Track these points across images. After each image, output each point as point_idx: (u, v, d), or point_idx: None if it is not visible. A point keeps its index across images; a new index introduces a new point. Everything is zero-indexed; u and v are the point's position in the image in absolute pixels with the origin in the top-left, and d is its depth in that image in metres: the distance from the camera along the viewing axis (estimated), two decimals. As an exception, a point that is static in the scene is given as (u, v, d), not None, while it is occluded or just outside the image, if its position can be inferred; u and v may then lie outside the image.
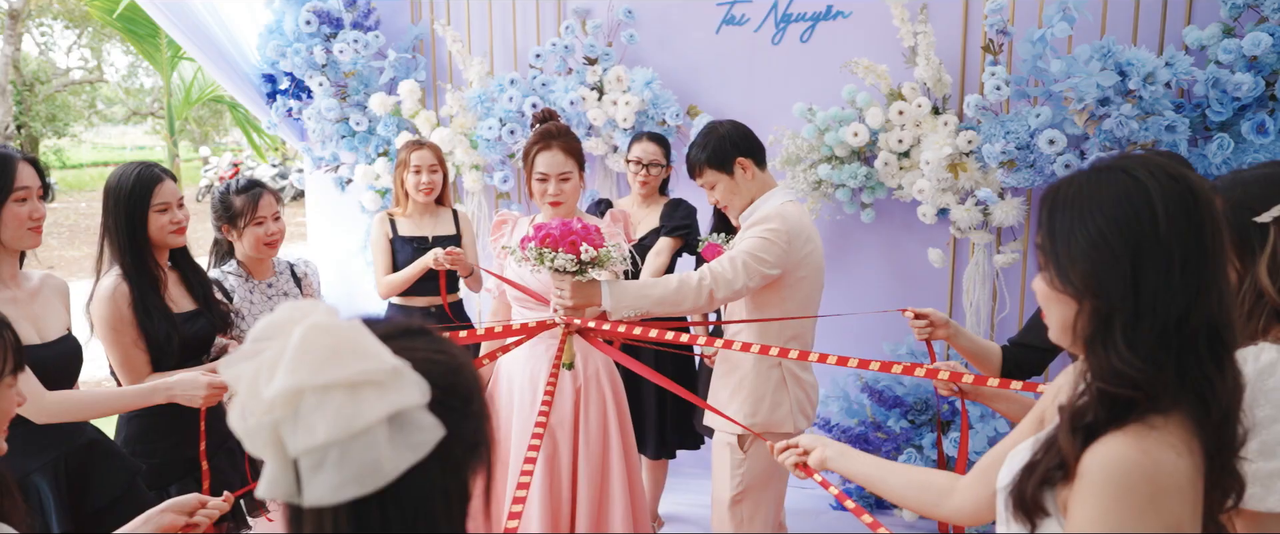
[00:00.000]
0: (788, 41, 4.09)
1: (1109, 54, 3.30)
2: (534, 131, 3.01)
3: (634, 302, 2.37)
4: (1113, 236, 1.12)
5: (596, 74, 4.13)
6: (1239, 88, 3.21)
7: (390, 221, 3.64)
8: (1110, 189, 1.14)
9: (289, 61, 4.41)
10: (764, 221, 2.59)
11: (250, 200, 2.92)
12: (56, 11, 19.99)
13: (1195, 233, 1.12)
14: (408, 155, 3.58)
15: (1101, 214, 1.13)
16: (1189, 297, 1.11)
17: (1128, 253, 1.12)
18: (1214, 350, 1.12)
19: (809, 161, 3.91)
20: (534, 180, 2.95)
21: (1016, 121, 3.50)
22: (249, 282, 2.99)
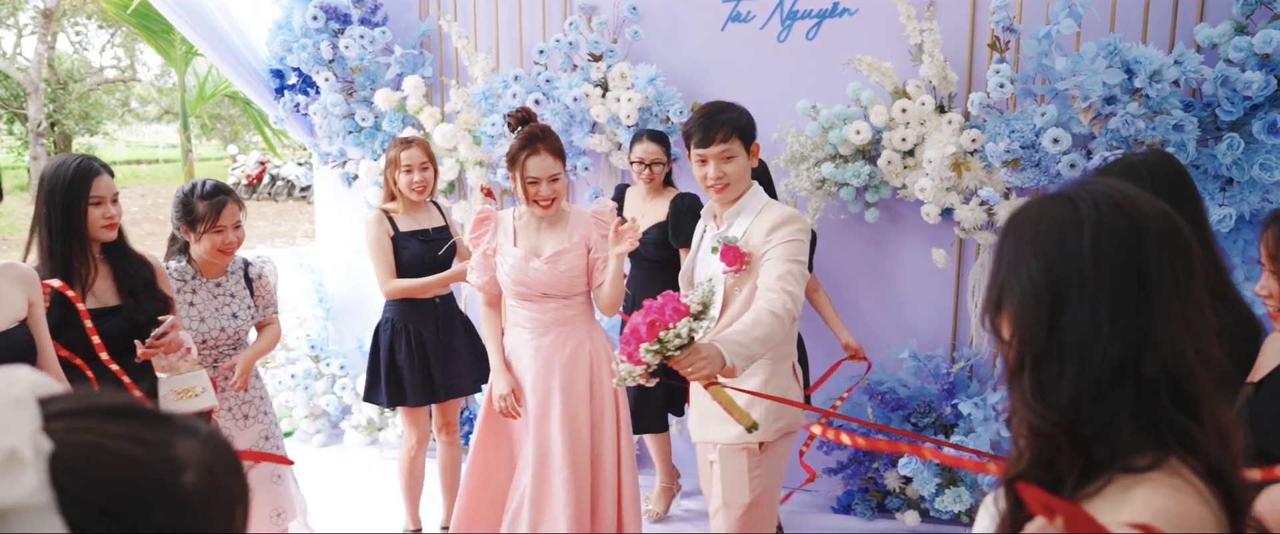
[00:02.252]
0: (793, 39, 4.05)
1: (1115, 51, 3.23)
2: (519, 136, 3.02)
3: (748, 352, 2.27)
4: (1037, 273, 1.03)
5: (600, 71, 4.11)
6: (1250, 86, 3.13)
7: (388, 219, 3.59)
8: (1048, 219, 1.05)
9: (296, 57, 4.44)
10: (789, 222, 2.54)
11: (213, 208, 2.92)
12: (90, 11, 20.29)
13: (1134, 271, 1.00)
14: (398, 154, 3.54)
15: (1032, 247, 1.05)
16: (1130, 342, 0.99)
17: (1048, 291, 1.02)
18: (1180, 401, 1.00)
19: (813, 160, 3.87)
20: (525, 184, 3.00)
21: (1021, 120, 3.44)
22: (195, 279, 3.01)
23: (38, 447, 0.66)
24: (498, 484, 3.26)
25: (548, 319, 3.09)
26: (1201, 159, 3.32)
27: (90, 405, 0.73)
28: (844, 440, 1.85)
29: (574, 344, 3.10)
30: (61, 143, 21.06)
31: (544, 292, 3.05)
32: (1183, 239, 1.03)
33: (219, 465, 0.76)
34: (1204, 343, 1.02)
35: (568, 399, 3.06)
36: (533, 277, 3.03)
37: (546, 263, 3.04)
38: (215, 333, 3.01)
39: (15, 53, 21.31)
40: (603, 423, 3.14)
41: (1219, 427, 1.01)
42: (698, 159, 2.61)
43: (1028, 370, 1.03)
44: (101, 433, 0.70)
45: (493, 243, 3.14)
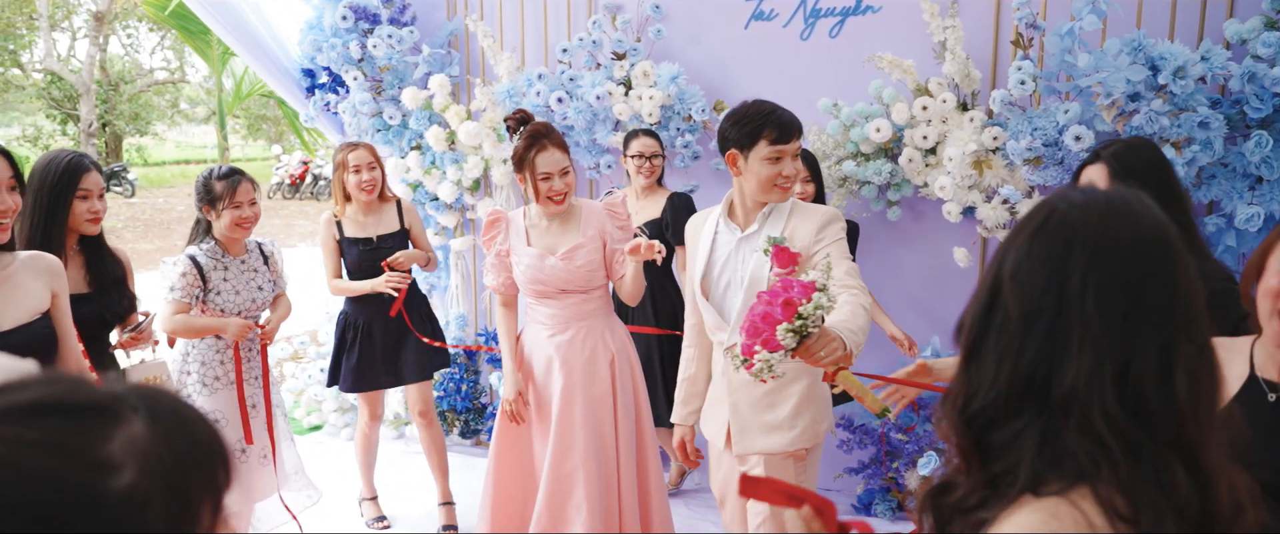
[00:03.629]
0: (816, 37, 4.04)
1: (1140, 48, 3.18)
2: (523, 136, 3.05)
3: (857, 339, 2.22)
4: (990, 269, 1.01)
5: (624, 69, 4.14)
6: (1278, 83, 3.07)
7: (336, 224, 3.79)
8: (1025, 216, 1.02)
9: (326, 56, 4.51)
10: (835, 220, 2.52)
11: (229, 186, 3.16)
12: (141, 15, 20.74)
13: (1054, 288, 0.93)
14: (345, 157, 3.73)
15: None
16: (1039, 361, 0.93)
17: (988, 290, 1.00)
18: (1087, 432, 0.91)
19: (834, 158, 3.86)
20: (537, 181, 3.02)
21: (1044, 118, 3.40)
22: (225, 258, 3.24)
23: None
24: (520, 484, 3.28)
25: (567, 315, 3.12)
26: (1229, 157, 3.25)
27: (13, 405, 0.65)
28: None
29: (595, 339, 3.12)
30: (112, 143, 21.55)
31: (562, 288, 3.08)
32: (1138, 266, 0.93)
33: (165, 451, 0.67)
34: (1145, 383, 0.91)
35: (589, 394, 3.08)
36: (550, 274, 3.06)
37: (562, 259, 3.05)
38: (248, 304, 3.26)
39: (69, 55, 21.85)
40: (625, 417, 3.16)
41: (1175, 471, 0.90)
42: (771, 157, 2.47)
43: (959, 371, 1.00)
44: (13, 442, 0.62)
45: (505, 244, 3.15)
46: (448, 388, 4.75)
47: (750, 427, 2.61)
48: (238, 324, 3.16)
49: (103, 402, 0.67)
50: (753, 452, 2.62)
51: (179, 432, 0.69)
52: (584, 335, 3.12)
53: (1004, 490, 0.93)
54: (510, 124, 3.14)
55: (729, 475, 2.76)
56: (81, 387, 0.68)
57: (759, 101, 2.55)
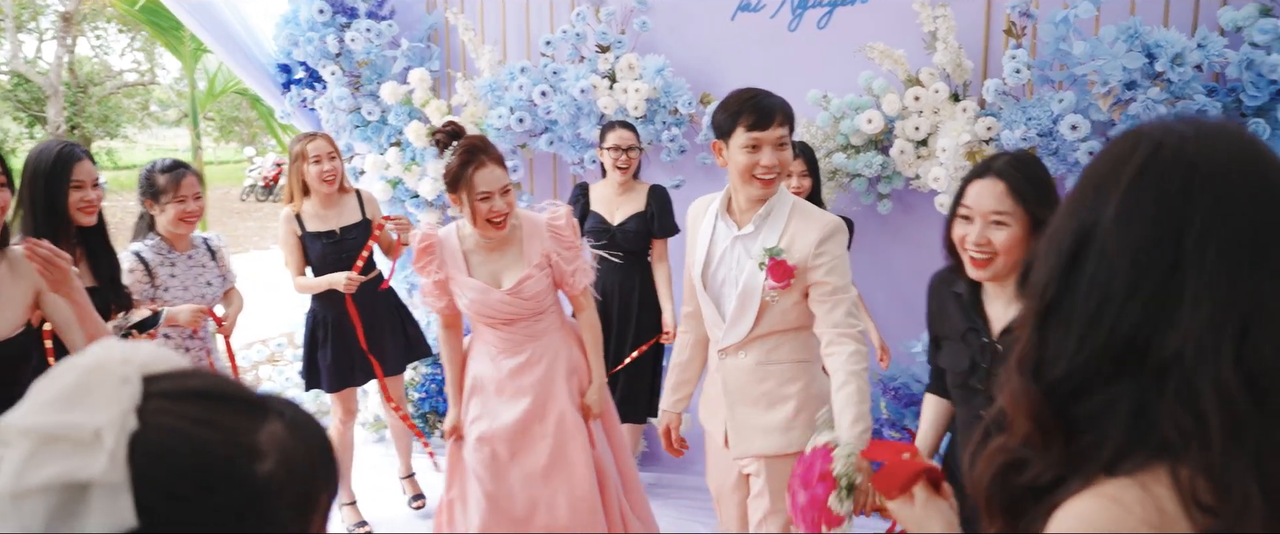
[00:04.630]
0: (804, 27, 3.97)
1: (1136, 35, 3.14)
2: (457, 151, 2.79)
3: (865, 425, 2.24)
4: (1066, 216, 0.87)
5: (608, 62, 4.05)
6: (1275, 70, 3.03)
7: (296, 219, 3.68)
8: (1103, 157, 0.88)
9: (303, 51, 4.40)
10: (837, 233, 2.39)
11: (173, 179, 3.11)
12: (109, 15, 20.44)
13: (1171, 235, 0.80)
14: (304, 147, 3.63)
15: (1077, 187, 0.89)
16: (1145, 321, 0.81)
17: (1071, 239, 0.86)
18: (1188, 403, 0.79)
19: (824, 151, 3.79)
20: (476, 202, 2.75)
21: (1038, 107, 3.35)
22: (171, 253, 3.19)
23: (124, 426, 0.69)
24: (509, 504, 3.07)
25: (519, 338, 2.94)
26: (1225, 146, 3.21)
27: (186, 388, 0.75)
28: None
29: (549, 359, 2.96)
30: (82, 146, 21.22)
31: (510, 318, 2.90)
32: (1271, 211, 0.80)
33: (301, 453, 0.77)
34: (1264, 350, 0.78)
35: (552, 413, 2.94)
36: (498, 307, 2.86)
37: (510, 294, 2.85)
38: (197, 300, 3.23)
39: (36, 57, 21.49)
40: (595, 426, 3.05)
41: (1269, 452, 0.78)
42: (748, 145, 2.33)
43: (1029, 332, 0.88)
44: (184, 416, 0.72)
45: (441, 274, 2.90)
46: (429, 389, 4.64)
47: (747, 429, 2.53)
48: (187, 309, 3.09)
49: (254, 399, 0.78)
50: (750, 455, 2.54)
51: (310, 436, 0.79)
52: (539, 356, 2.94)
53: (1084, 468, 0.82)
54: (440, 138, 2.85)
55: (726, 473, 2.68)
56: (236, 384, 0.79)
57: (747, 88, 2.43)
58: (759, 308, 2.42)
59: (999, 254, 1.90)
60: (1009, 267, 1.92)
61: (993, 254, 1.91)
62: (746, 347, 2.49)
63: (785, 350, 2.49)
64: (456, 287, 2.89)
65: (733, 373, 2.52)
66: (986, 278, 1.96)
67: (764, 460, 2.51)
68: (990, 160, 1.98)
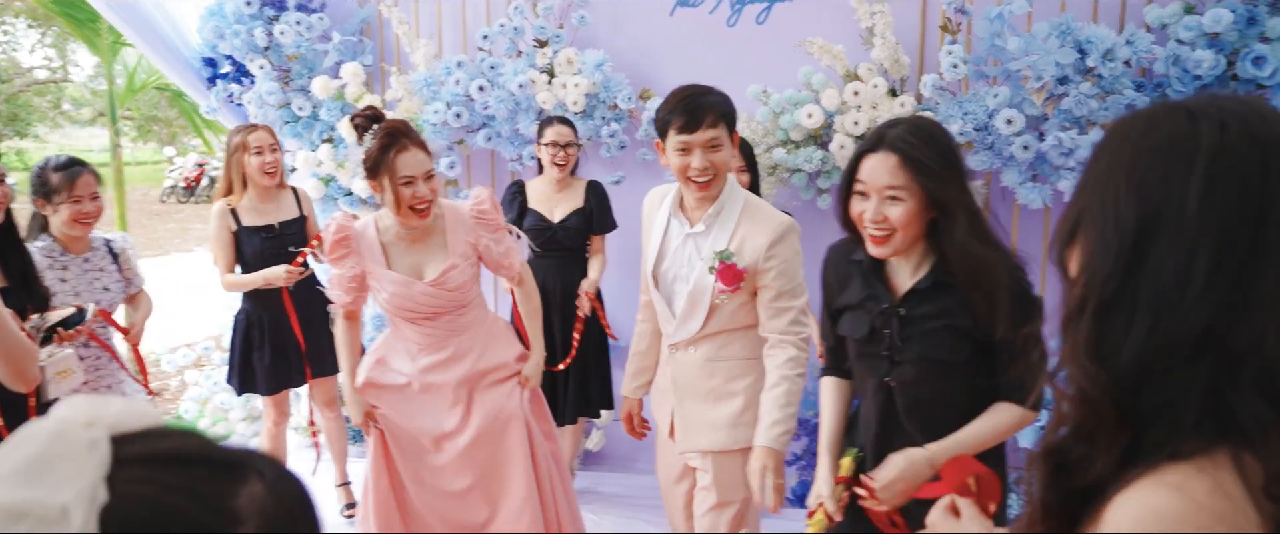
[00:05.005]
0: (743, 23, 3.98)
1: (1068, 31, 3.21)
2: (377, 135, 2.66)
3: (787, 427, 2.33)
4: (1127, 200, 0.83)
5: (547, 56, 4.00)
6: (1200, 65, 3.12)
7: (231, 213, 3.55)
8: (1157, 136, 0.84)
9: (229, 44, 4.26)
10: (789, 235, 2.36)
11: (67, 178, 2.93)
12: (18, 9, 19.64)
13: (1253, 217, 0.79)
14: (244, 138, 3.53)
15: (1128, 168, 0.84)
16: (1224, 306, 0.78)
17: (1135, 224, 0.82)
18: (1268, 391, 0.78)
19: (764, 146, 3.80)
20: (398, 187, 2.62)
21: (974, 102, 3.40)
22: (65, 256, 3.01)
23: (93, 500, 0.64)
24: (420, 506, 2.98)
25: (442, 333, 2.81)
26: (1152, 140, 3.30)
27: (160, 451, 0.70)
28: None
29: (476, 353, 2.85)
30: (-11, 146, 20.36)
31: (434, 312, 2.78)
32: None
33: (283, 514, 0.73)
34: None
35: (480, 411, 2.84)
36: (420, 301, 2.73)
37: (433, 285, 2.73)
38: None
39: (-61, 53, 20.54)
40: (517, 424, 2.91)
41: None
42: (679, 148, 2.31)
43: (1088, 319, 0.84)
44: (158, 484, 0.68)
45: (357, 268, 2.76)
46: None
47: (694, 424, 2.52)
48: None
49: (233, 458, 0.73)
50: (696, 450, 2.53)
51: (292, 495, 0.75)
52: (464, 351, 2.82)
53: (1147, 456, 0.80)
54: (359, 123, 2.72)
55: (672, 464, 2.67)
56: (213, 444, 0.74)
57: (684, 88, 2.39)
58: (708, 309, 2.41)
59: (897, 230, 1.84)
60: (908, 241, 1.88)
61: (891, 230, 1.85)
62: (696, 343, 2.47)
63: (735, 348, 2.48)
64: (375, 281, 2.75)
65: (682, 368, 2.51)
66: (887, 255, 1.91)
67: (711, 456, 2.50)
68: (883, 131, 1.86)
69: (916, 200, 1.82)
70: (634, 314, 4.19)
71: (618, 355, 4.21)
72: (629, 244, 4.09)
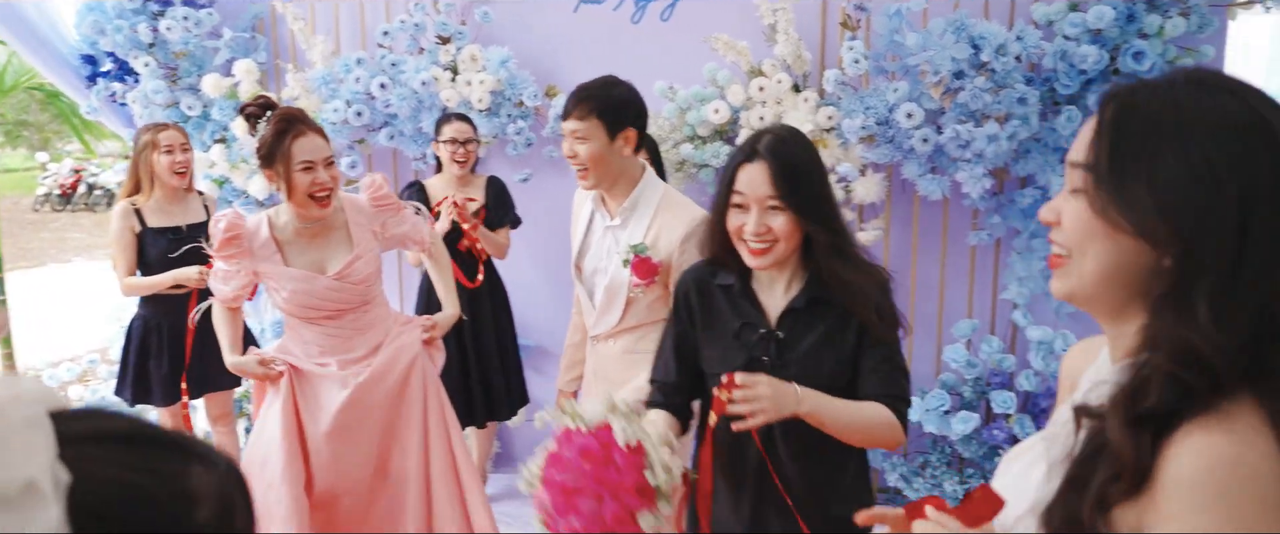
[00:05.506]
0: (648, 20, 3.98)
1: (962, 28, 3.31)
2: (272, 121, 2.56)
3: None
4: (1222, 172, 0.86)
5: (449, 53, 3.93)
6: (1085, 60, 3.26)
7: (136, 213, 3.42)
8: (1216, 111, 0.88)
9: (110, 40, 4.05)
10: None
11: None
12: None
13: None
14: (154, 137, 3.42)
15: (1208, 141, 0.87)
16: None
17: (1237, 197, 0.85)
18: None
19: (671, 142, 3.81)
20: (296, 173, 2.50)
21: (875, 96, 3.48)
22: None
23: (56, 477, 0.60)
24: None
25: (346, 333, 2.71)
26: (1042, 132, 3.44)
27: (106, 431, 0.68)
28: None
29: (387, 355, 2.74)
30: None
31: (339, 309, 2.67)
32: None
33: (233, 498, 0.72)
34: None
35: (383, 409, 2.73)
36: (323, 296, 2.62)
37: (338, 279, 2.62)
38: None
39: None
40: (435, 422, 2.84)
41: None
42: (563, 135, 2.44)
43: (1205, 290, 0.86)
44: (119, 463, 0.65)
45: (247, 269, 2.63)
46: (267, 400, 4.38)
47: None
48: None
49: (179, 440, 0.71)
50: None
51: (233, 478, 0.73)
52: (369, 350, 2.72)
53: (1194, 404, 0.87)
54: (251, 112, 2.62)
55: None
56: (153, 424, 0.71)
57: (601, 77, 2.48)
58: (625, 302, 2.42)
59: (779, 240, 1.74)
60: (788, 252, 1.78)
61: (773, 241, 1.74)
62: (615, 336, 2.48)
63: (652, 340, 2.47)
64: (272, 281, 2.61)
65: (603, 360, 2.53)
66: (767, 266, 1.78)
67: None
68: (754, 141, 1.75)
69: (796, 210, 1.74)
70: (547, 313, 4.18)
71: (528, 355, 4.18)
72: (545, 244, 4.06)
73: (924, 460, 3.80)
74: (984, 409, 3.66)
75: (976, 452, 3.62)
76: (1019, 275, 3.62)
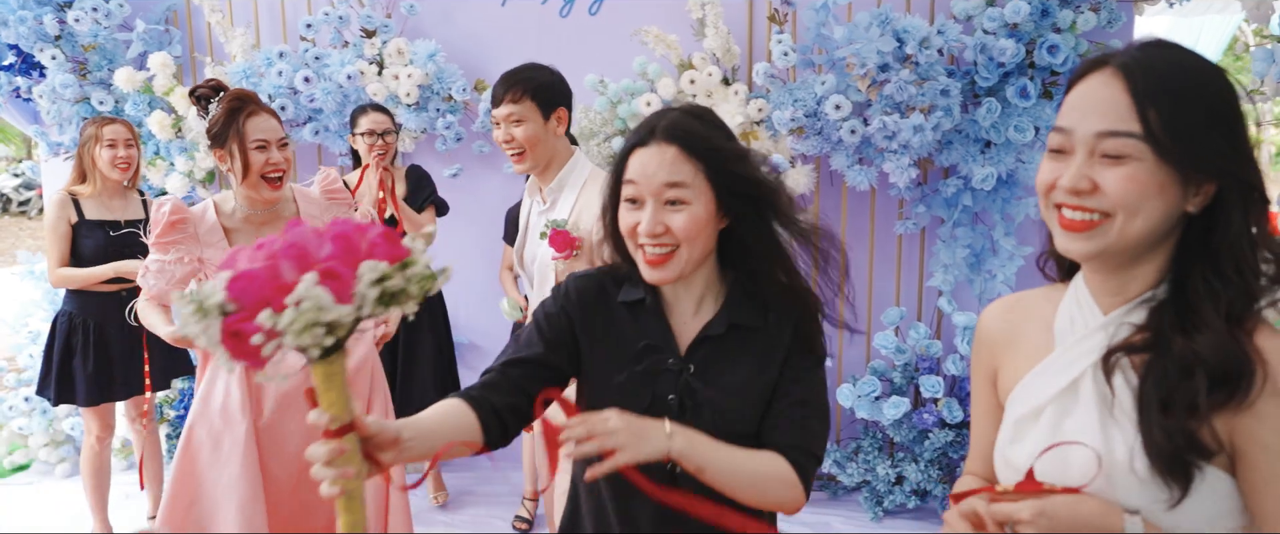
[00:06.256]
0: (576, 13, 3.98)
1: (887, 21, 3.39)
2: (223, 101, 2.48)
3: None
4: (1229, 108, 1.04)
5: (375, 47, 3.86)
6: (1003, 53, 3.37)
7: (74, 203, 3.32)
8: (1205, 64, 1.05)
9: (14, 32, 3.87)
10: None
11: None
12: None
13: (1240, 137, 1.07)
14: (98, 130, 3.31)
15: (1214, 85, 1.04)
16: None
17: (1239, 124, 1.05)
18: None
19: (603, 135, 3.81)
20: (250, 152, 2.43)
21: (804, 89, 3.54)
22: None
23: None
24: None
25: None
26: (964, 123, 3.54)
27: None
28: None
29: None
30: None
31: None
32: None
33: None
34: None
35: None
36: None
37: None
38: None
39: None
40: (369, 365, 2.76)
41: None
42: (494, 121, 2.44)
43: (1239, 209, 1.05)
44: None
45: (190, 255, 2.49)
46: (190, 402, 4.23)
47: None
48: None
49: None
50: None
51: None
52: None
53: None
54: (202, 93, 2.52)
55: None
56: None
57: (525, 64, 2.51)
58: (554, 280, 2.42)
59: (681, 244, 1.36)
60: (695, 261, 1.39)
61: (673, 245, 1.37)
62: None
63: None
64: (218, 269, 2.49)
65: None
66: (669, 278, 1.39)
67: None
68: (654, 120, 1.39)
69: (704, 203, 1.36)
70: (479, 309, 4.14)
71: (461, 352, 4.13)
72: (476, 240, 4.02)
73: (856, 446, 3.88)
74: (913, 393, 3.76)
75: (907, 435, 3.71)
76: (944, 263, 3.72)
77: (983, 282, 3.71)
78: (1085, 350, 1.13)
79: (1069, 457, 1.08)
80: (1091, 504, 1.06)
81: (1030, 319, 1.23)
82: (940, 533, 1.16)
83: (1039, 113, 3.47)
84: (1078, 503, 1.05)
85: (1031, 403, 1.17)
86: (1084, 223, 1.07)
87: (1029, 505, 1.05)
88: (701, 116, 1.41)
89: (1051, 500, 1.05)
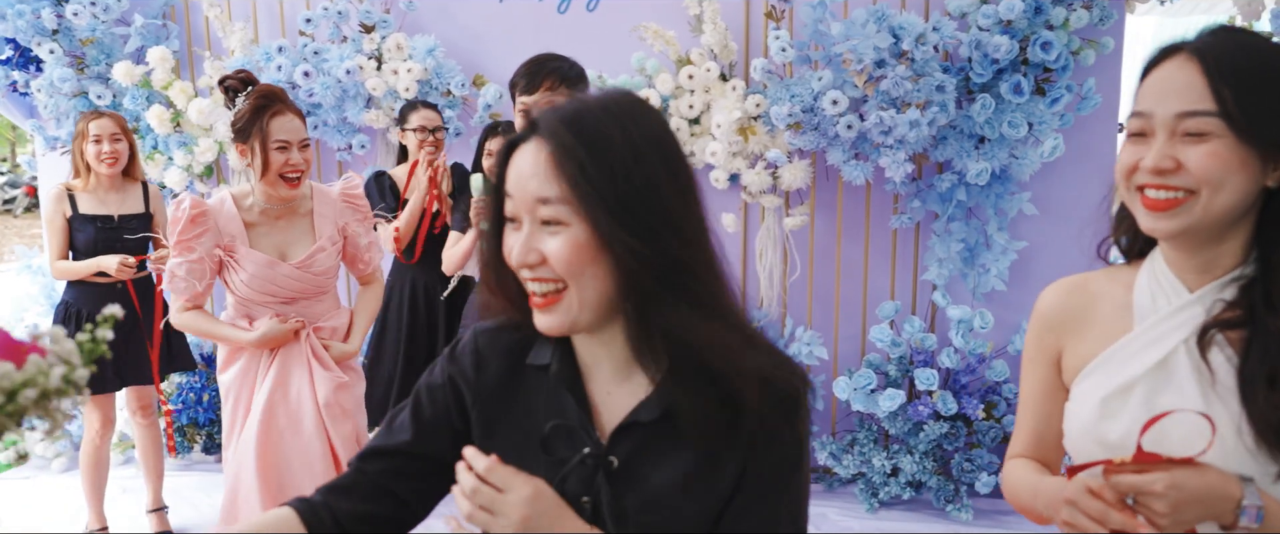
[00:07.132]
0: (574, 9, 4.01)
1: (883, 18, 3.43)
2: (250, 97, 2.52)
3: None
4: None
5: (374, 42, 3.88)
6: (997, 50, 3.41)
7: (69, 198, 3.37)
8: (1271, 46, 1.10)
9: (11, 26, 3.87)
10: None
11: None
12: None
13: None
14: (86, 125, 3.35)
15: (1275, 62, 1.09)
16: None
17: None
18: None
19: (601, 130, 3.84)
20: (271, 152, 2.48)
21: (800, 85, 3.58)
22: None
23: None
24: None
25: (295, 317, 2.67)
26: (958, 119, 3.59)
27: None
28: None
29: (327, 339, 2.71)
30: None
31: (292, 297, 2.64)
32: None
33: None
34: None
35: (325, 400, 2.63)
36: (283, 283, 2.59)
37: (299, 267, 2.59)
38: None
39: None
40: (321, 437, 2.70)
41: None
42: (521, 111, 2.42)
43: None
44: None
45: (213, 245, 2.54)
46: (188, 399, 4.25)
47: None
48: None
49: None
50: None
51: None
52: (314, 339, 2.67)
53: None
54: (230, 85, 2.56)
55: None
56: None
57: (540, 54, 2.53)
58: None
59: (567, 284, 1.01)
60: (593, 305, 1.02)
61: (557, 285, 1.01)
62: None
63: None
64: (236, 259, 2.54)
65: None
66: (562, 329, 1.03)
67: None
68: (542, 113, 1.05)
69: (585, 226, 0.98)
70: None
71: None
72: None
73: (852, 438, 3.92)
74: (908, 386, 3.80)
75: (902, 428, 3.75)
76: (939, 257, 3.77)
77: (976, 276, 3.76)
78: (1174, 326, 1.15)
79: (1168, 430, 1.08)
80: (1213, 474, 1.07)
81: (1100, 299, 1.26)
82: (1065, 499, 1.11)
83: (1032, 108, 3.52)
84: (1202, 473, 1.07)
85: (1119, 379, 1.17)
86: (1169, 201, 1.10)
87: (1161, 477, 1.05)
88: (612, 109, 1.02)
89: (1180, 472, 1.06)
